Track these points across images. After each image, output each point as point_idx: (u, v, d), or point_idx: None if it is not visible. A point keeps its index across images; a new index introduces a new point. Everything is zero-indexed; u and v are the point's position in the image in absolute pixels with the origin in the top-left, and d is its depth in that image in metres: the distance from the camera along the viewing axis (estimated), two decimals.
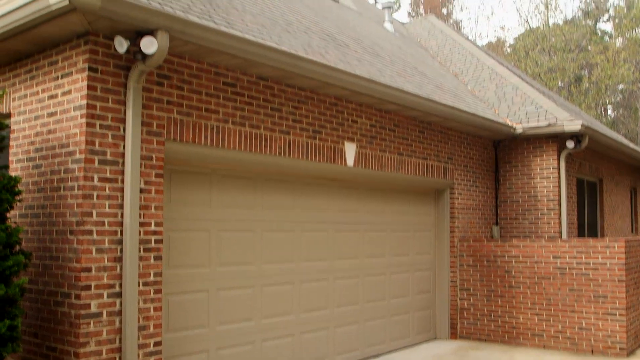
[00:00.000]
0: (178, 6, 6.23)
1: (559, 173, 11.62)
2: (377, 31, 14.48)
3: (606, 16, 39.59)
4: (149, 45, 5.47)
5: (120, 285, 5.71)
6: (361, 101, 8.71)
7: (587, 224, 13.83)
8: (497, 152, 12.28)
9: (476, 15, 55.06)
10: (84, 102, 5.52)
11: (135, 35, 5.62)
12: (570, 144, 11.38)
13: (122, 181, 5.76)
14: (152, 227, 5.99)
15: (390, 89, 8.54)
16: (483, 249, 10.72)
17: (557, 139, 11.66)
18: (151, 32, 5.52)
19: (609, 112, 38.05)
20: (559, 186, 11.59)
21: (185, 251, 6.79)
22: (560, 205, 11.58)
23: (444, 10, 45.41)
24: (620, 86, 35.39)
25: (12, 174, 6.17)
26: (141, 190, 5.89)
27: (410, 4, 48.36)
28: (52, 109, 5.85)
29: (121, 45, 5.55)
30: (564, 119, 11.29)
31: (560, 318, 9.92)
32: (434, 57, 15.69)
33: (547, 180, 11.65)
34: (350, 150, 8.52)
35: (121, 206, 5.74)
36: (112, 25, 5.45)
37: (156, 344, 5.99)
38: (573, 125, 11.10)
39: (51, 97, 5.87)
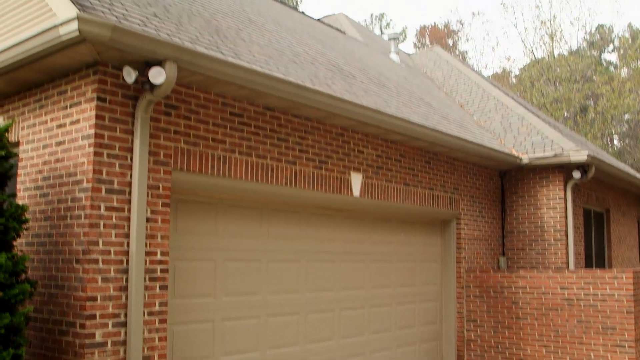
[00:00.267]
0: (186, 37, 6.30)
1: (565, 203, 11.58)
2: (383, 62, 14.58)
3: (611, 47, 39.84)
4: (157, 75, 5.53)
5: (125, 314, 5.69)
6: (367, 132, 8.74)
7: (595, 254, 13.74)
8: (504, 182, 12.26)
9: (481, 46, 55.52)
10: (92, 131, 5.56)
11: (143, 66, 5.68)
12: (576, 175, 11.37)
13: (129, 210, 5.78)
14: (158, 257, 5.98)
15: (396, 119, 8.58)
16: (490, 280, 10.66)
17: (563, 170, 11.65)
18: (159, 63, 5.58)
19: (615, 142, 38.04)
20: (566, 217, 11.55)
21: (191, 281, 6.77)
22: (567, 235, 11.52)
23: (450, 41, 45.75)
24: (626, 116, 35.43)
25: (20, 202, 6.20)
26: (147, 220, 5.89)
27: (416, 35, 48.74)
28: (60, 138, 5.90)
29: (130, 75, 5.61)
30: (570, 149, 11.29)
31: (568, 350, 9.81)
32: (440, 88, 15.77)
33: (554, 210, 11.61)
34: (356, 181, 8.53)
35: (127, 235, 5.75)
36: (121, 55, 5.52)
37: None
38: (579, 155, 11.10)
39: (60, 126, 5.92)
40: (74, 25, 4.99)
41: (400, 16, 65.21)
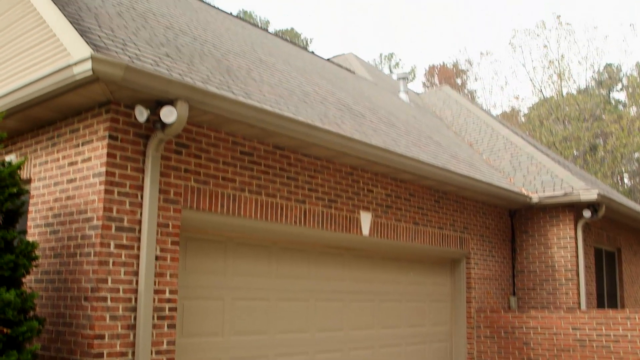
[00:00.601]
0: (198, 77, 6.38)
1: (576, 243, 11.51)
2: (392, 101, 14.68)
3: (619, 86, 39.94)
4: (168, 114, 5.58)
5: (133, 353, 5.65)
6: (377, 170, 8.76)
7: (607, 294, 13.59)
8: (514, 221, 12.21)
9: (490, 85, 55.85)
10: (104, 169, 5.60)
11: (155, 105, 5.74)
12: (587, 214, 11.31)
13: (138, 248, 5.78)
14: (167, 295, 5.96)
15: (405, 158, 8.59)
16: (500, 320, 10.54)
17: (573, 208, 11.60)
18: (171, 102, 5.64)
19: (626, 180, 37.90)
20: (577, 256, 11.46)
21: (199, 319, 6.73)
22: (578, 275, 11.42)
23: (458, 81, 46.03)
24: (636, 154, 35.37)
25: (30, 239, 6.22)
26: (157, 258, 5.90)
27: (424, 74, 49.09)
28: (71, 175, 5.94)
29: (141, 114, 5.66)
30: (580, 188, 11.26)
31: None
32: (449, 127, 15.82)
33: (565, 250, 11.54)
34: (365, 220, 8.52)
35: (136, 273, 5.74)
36: (133, 94, 5.58)
37: None
38: (589, 194, 11.06)
39: (71, 163, 5.97)
40: (88, 65, 5.07)
41: (409, 55, 65.80)
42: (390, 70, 48.74)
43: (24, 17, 6.97)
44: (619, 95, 40.88)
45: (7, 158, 6.79)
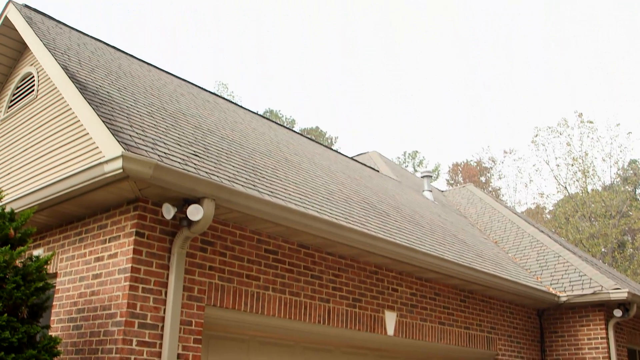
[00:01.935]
0: (224, 175, 6.50)
1: (607, 343, 11.17)
2: (416, 199, 14.73)
3: None
4: (195, 212, 5.66)
5: None
6: (401, 269, 8.70)
7: None
8: (542, 321, 11.93)
9: (514, 182, 55.87)
10: (129, 265, 5.64)
11: (182, 203, 5.84)
12: (617, 313, 11.04)
13: (160, 346, 5.73)
14: None
15: (430, 257, 8.54)
16: None
17: (603, 308, 11.33)
18: (198, 200, 5.73)
19: None
20: (609, 357, 11.09)
21: None
22: None
23: (482, 179, 46.17)
24: None
25: (52, 334, 6.20)
26: (178, 356, 5.83)
27: (448, 171, 49.39)
28: (97, 270, 5.98)
29: (169, 212, 5.75)
30: (610, 287, 11.04)
31: None
32: (474, 225, 15.76)
33: (596, 350, 11.19)
34: (390, 319, 8.39)
35: None
36: (161, 192, 5.69)
37: None
38: (619, 293, 10.83)
39: (97, 259, 6.02)
40: (119, 163, 5.21)
41: (432, 153, 66.50)
42: (414, 168, 49.15)
43: (60, 116, 7.26)
44: None
45: (35, 252, 6.88)
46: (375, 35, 71.96)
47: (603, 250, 33.95)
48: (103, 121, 6.00)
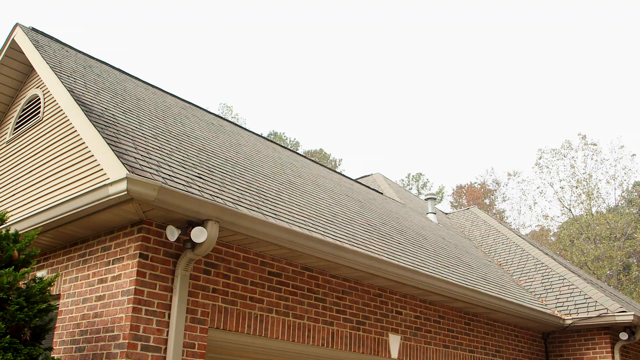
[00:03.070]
0: (229, 198, 6.50)
1: None
2: (420, 222, 14.70)
3: None
4: (199, 234, 5.65)
5: None
6: (405, 292, 8.66)
7: None
8: (547, 344, 11.84)
9: (518, 205, 55.76)
10: (133, 287, 5.63)
11: (186, 225, 5.84)
12: (623, 336, 10.96)
13: None
14: None
15: (434, 280, 8.51)
16: None
17: (609, 331, 11.25)
18: (202, 223, 5.73)
19: None
20: None
21: None
22: None
23: (486, 201, 46.10)
24: None
25: (55, 356, 6.18)
26: None
27: (452, 194, 49.32)
28: (100, 292, 5.97)
29: (172, 234, 5.75)
30: (615, 310, 10.96)
31: None
32: (478, 247, 15.72)
33: None
34: (394, 342, 8.34)
35: None
36: (165, 214, 5.70)
37: None
38: (625, 316, 10.76)
39: (101, 281, 6.02)
40: (123, 185, 5.22)
41: (436, 175, 66.50)
42: (418, 191, 49.12)
43: (65, 138, 7.29)
44: None
45: (39, 274, 6.88)
46: (379, 58, 72.40)
47: (608, 272, 33.79)
48: (108, 143, 6.03)
